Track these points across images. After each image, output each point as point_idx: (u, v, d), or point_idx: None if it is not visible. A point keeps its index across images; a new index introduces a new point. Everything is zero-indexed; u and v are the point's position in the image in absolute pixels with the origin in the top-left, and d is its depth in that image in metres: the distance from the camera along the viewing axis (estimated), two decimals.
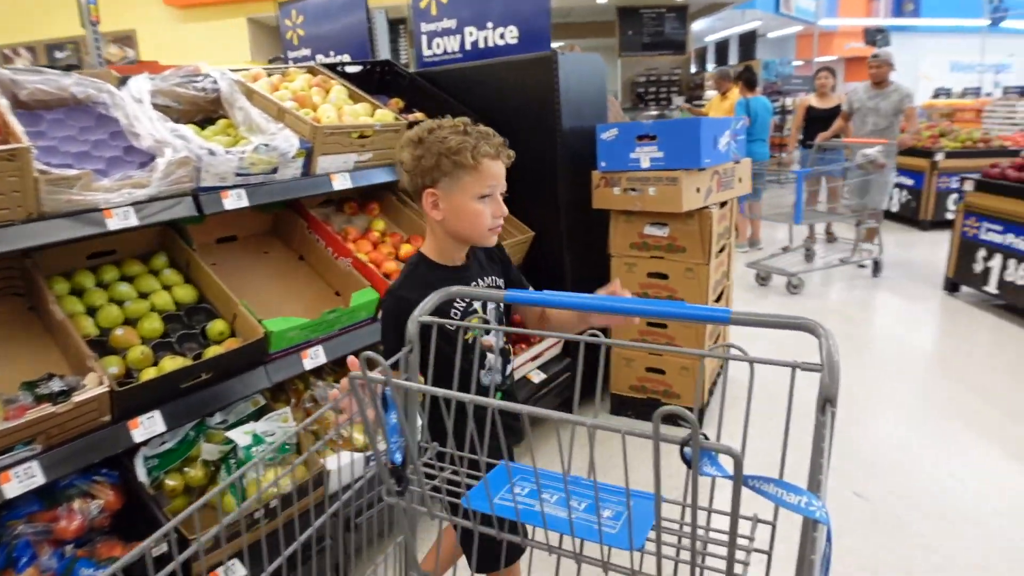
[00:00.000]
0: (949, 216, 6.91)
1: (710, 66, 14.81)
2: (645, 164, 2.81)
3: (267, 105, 2.51)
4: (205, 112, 2.62)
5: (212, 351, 2.08)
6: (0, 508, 1.73)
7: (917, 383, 3.71)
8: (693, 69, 12.58)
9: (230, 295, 2.17)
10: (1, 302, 2.06)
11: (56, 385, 1.73)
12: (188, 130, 2.14)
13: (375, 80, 3.29)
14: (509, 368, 1.60)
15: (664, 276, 3.00)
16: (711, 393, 3.51)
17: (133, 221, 1.94)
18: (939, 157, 7.22)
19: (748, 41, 14.58)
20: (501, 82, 3.10)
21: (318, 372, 2.56)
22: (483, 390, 1.50)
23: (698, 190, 2.82)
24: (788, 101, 11.15)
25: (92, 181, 1.86)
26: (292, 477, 2.00)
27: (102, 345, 2.00)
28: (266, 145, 2.19)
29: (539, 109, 2.95)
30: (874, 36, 13.99)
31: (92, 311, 2.07)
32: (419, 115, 2.98)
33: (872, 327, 4.75)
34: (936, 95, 13.66)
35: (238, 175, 2.19)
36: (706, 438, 0.69)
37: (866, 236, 5.90)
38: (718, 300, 3.26)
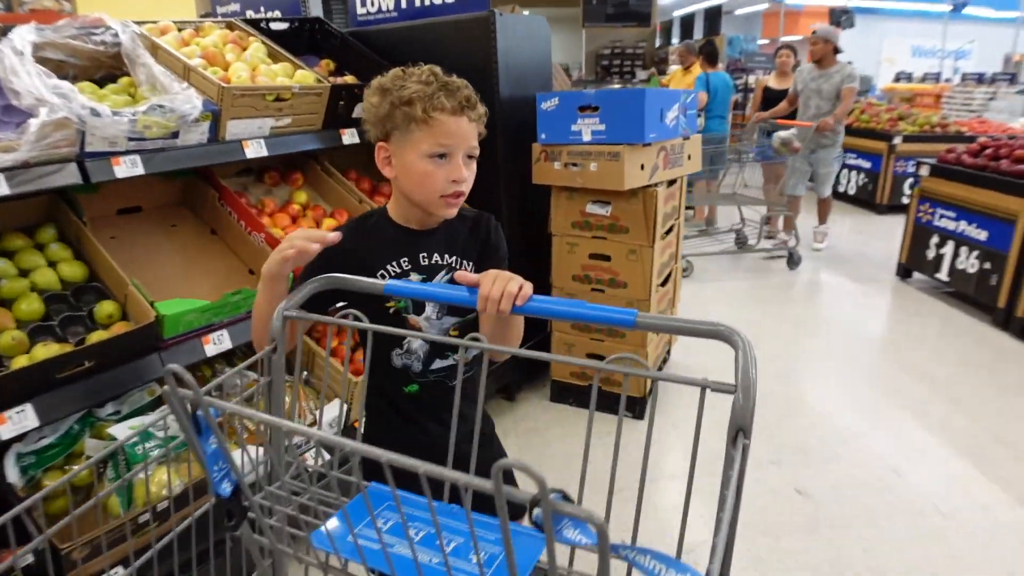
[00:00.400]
0: (906, 200, 6.87)
1: (675, 40, 14.66)
2: (587, 137, 2.63)
3: (173, 62, 2.27)
4: (107, 69, 2.36)
5: (97, 336, 1.87)
6: None
7: (864, 371, 3.64)
8: (658, 43, 12.38)
9: (121, 273, 1.95)
10: None
11: None
12: (70, 88, 1.89)
13: (305, 39, 3.04)
14: (441, 364, 1.39)
15: (607, 258, 2.84)
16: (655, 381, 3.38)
17: (3, 190, 1.71)
18: (897, 141, 7.17)
19: (714, 16, 14.47)
20: (438, 44, 2.87)
21: (228, 357, 2.36)
22: (395, 372, 1.34)
23: (642, 167, 2.65)
24: (751, 79, 11.05)
25: None
26: (177, 474, 1.82)
27: None
28: (161, 106, 1.95)
29: (477, 74, 2.70)
30: (839, 16, 13.92)
31: None
32: (350, 78, 2.76)
33: (820, 312, 4.66)
34: (897, 79, 13.72)
35: (131, 139, 1.96)
36: (566, 498, 0.53)
37: (785, 225, 5.77)
38: (664, 284, 3.12)
